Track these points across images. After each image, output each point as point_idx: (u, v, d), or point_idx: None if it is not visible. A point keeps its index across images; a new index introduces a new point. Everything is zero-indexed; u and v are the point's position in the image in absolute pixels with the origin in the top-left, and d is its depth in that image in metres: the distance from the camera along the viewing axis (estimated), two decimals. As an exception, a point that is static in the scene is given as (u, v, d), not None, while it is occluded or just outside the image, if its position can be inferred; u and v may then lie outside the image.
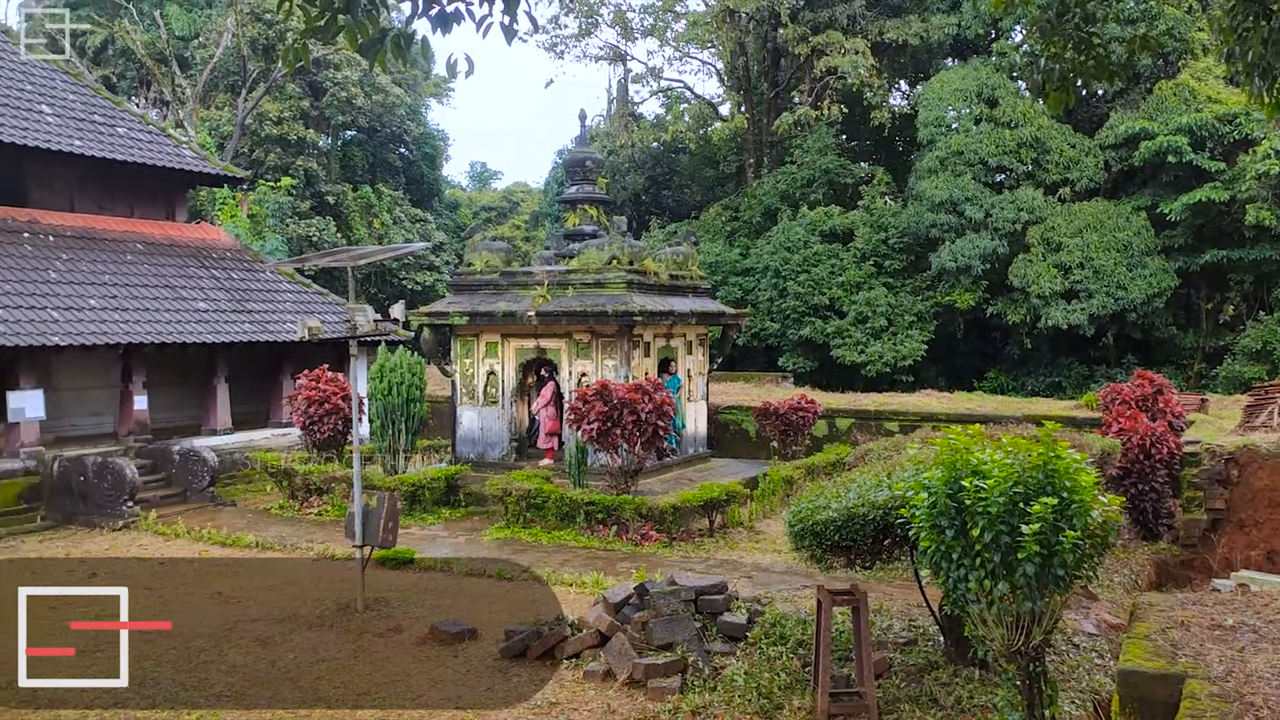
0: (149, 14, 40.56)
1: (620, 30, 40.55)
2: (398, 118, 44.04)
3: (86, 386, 20.42)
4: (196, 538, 15.73)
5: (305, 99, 40.45)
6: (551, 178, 48.27)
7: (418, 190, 47.40)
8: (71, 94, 21.83)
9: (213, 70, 39.29)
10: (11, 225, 19.37)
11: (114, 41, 40.42)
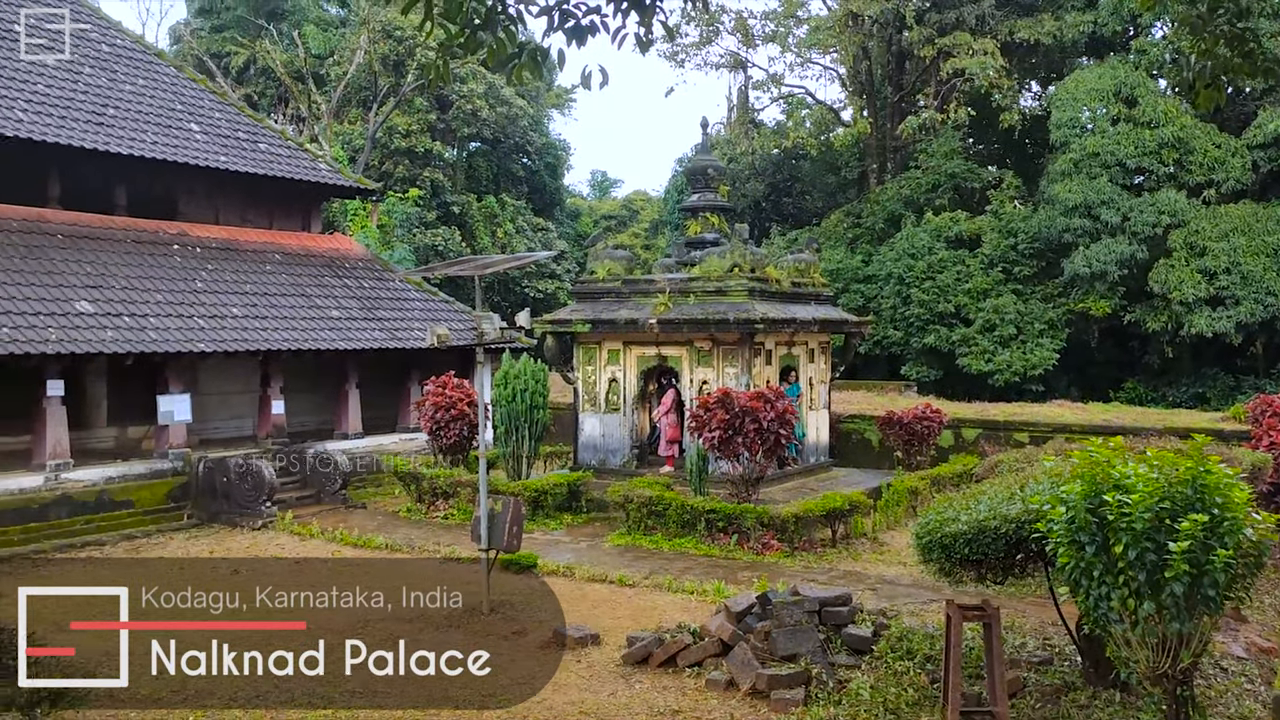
0: (288, 34, 42.30)
1: (741, 37, 40.44)
2: (521, 129, 44.84)
3: (228, 391, 21.37)
4: (330, 538, 16.27)
5: (433, 112, 41.55)
6: (671, 186, 48.42)
7: (539, 199, 48.17)
8: (217, 112, 22.90)
9: (346, 86, 40.71)
10: (163, 237, 20.41)
11: (255, 61, 42.27)
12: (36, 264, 17.51)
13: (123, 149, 19.60)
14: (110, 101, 20.59)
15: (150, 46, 24.64)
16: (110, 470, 17.56)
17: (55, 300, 16.98)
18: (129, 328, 17.49)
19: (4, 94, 18.60)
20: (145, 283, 18.84)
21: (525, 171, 47.66)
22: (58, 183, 19.32)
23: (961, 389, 30.90)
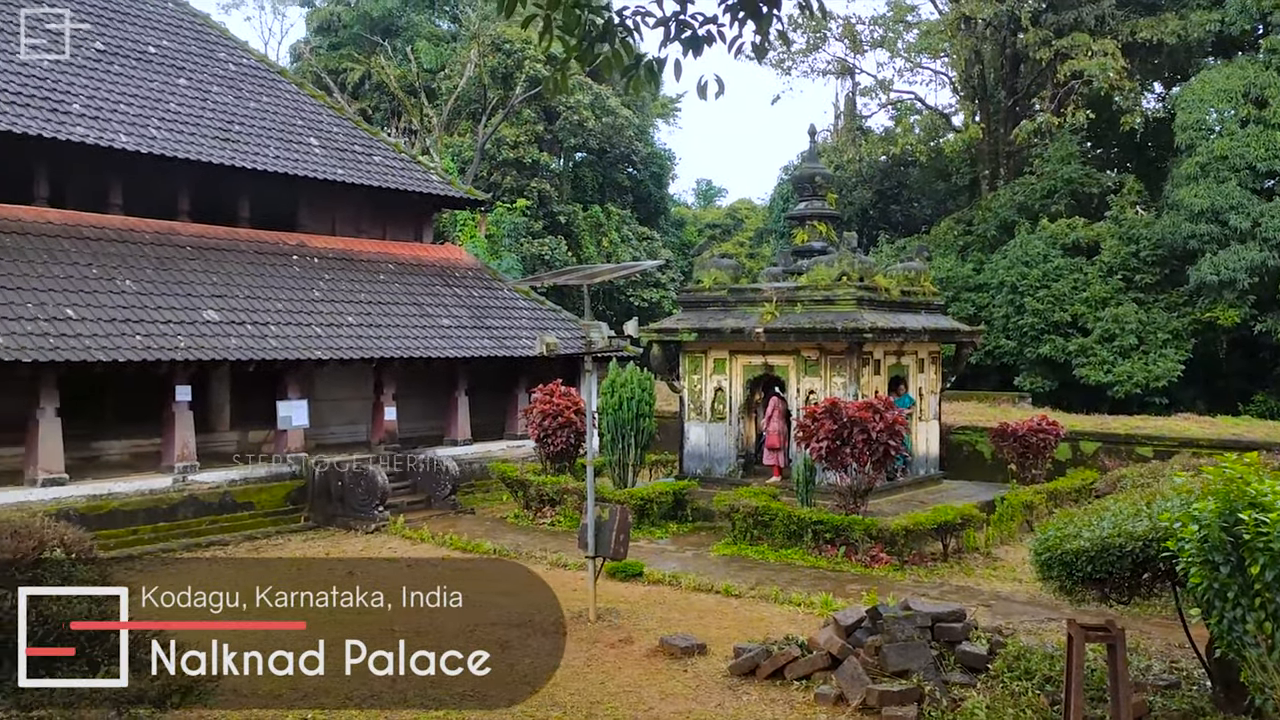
0: (401, 50, 43.43)
1: (849, 44, 40.00)
2: (626, 139, 45.14)
3: (343, 397, 21.99)
4: (440, 542, 16.58)
5: (540, 124, 42.13)
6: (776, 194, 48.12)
7: (644, 209, 48.40)
8: (335, 127, 23.64)
9: (456, 99, 41.59)
10: (283, 248, 21.13)
11: (370, 77, 43.49)
12: (168, 275, 18.30)
13: (247, 163, 20.37)
14: (236, 118, 21.43)
15: (273, 65, 25.57)
16: (232, 473, 18.22)
17: (184, 309, 17.71)
18: (251, 335, 18.15)
19: (139, 113, 19.52)
20: (266, 292, 19.52)
21: (630, 181, 47.95)
22: (187, 196, 20.16)
23: (1078, 401, 29.91)
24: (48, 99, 18.20)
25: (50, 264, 16.83)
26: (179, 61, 21.78)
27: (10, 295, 15.66)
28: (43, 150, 17.79)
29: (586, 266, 26.93)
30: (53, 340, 15.36)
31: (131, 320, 16.73)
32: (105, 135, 18.35)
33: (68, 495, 15.71)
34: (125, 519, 16.00)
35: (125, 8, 21.92)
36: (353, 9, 46.70)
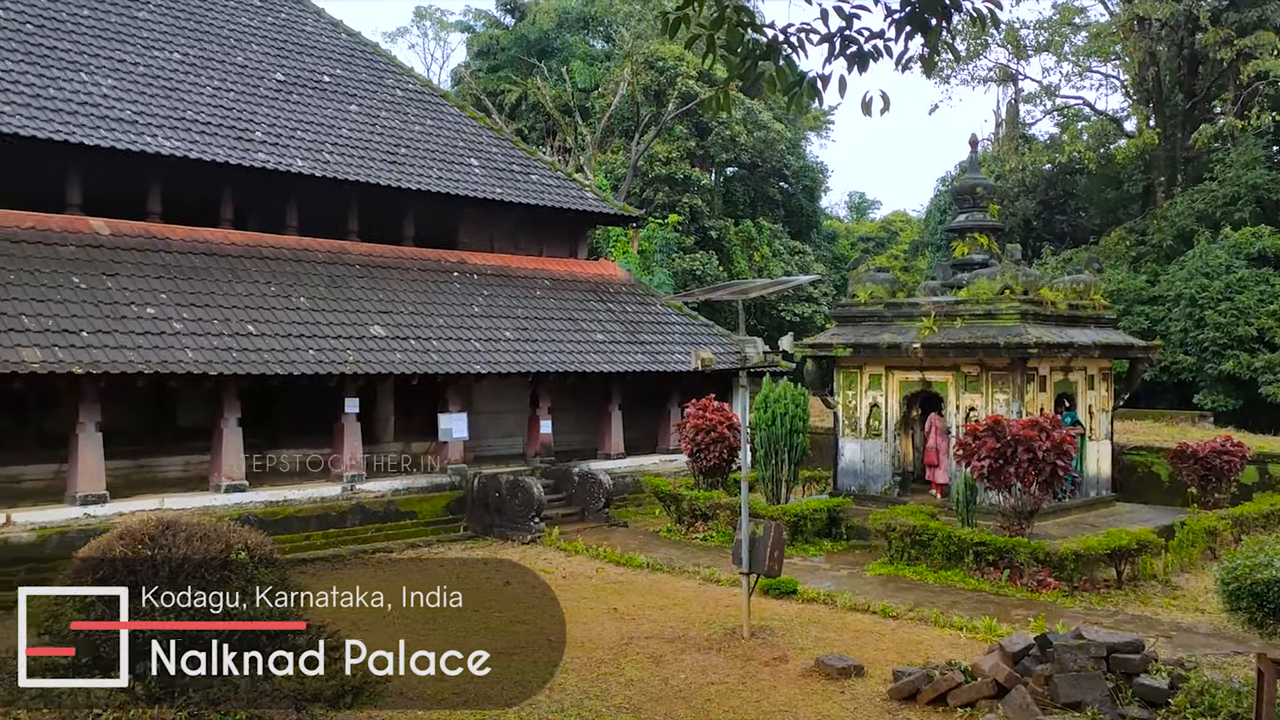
0: (556, 70, 44.42)
1: (1011, 49, 38.77)
2: (778, 153, 44.91)
3: (500, 410, 22.54)
4: (593, 555, 16.76)
5: (692, 139, 42.35)
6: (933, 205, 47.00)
7: (796, 222, 48.01)
8: (494, 147, 24.34)
9: (609, 117, 42.23)
10: (444, 265, 21.85)
11: (526, 98, 44.63)
12: (338, 292, 19.17)
13: (412, 184, 21.18)
14: (403, 141, 22.32)
15: (436, 89, 26.53)
16: (397, 483, 18.90)
17: (353, 325, 18.51)
18: (415, 350, 18.81)
19: (315, 139, 20.57)
20: (429, 308, 20.22)
21: (782, 195, 47.67)
22: (357, 217, 21.09)
23: (1265, 420, 28.03)
24: (234, 128, 19.37)
25: (234, 283, 17.86)
26: (351, 89, 22.85)
27: (199, 313, 16.70)
28: (228, 176, 18.93)
29: (739, 282, 26.85)
30: (235, 355, 16.29)
31: (305, 335, 17.58)
32: (284, 160, 19.39)
33: (248, 501, 16.60)
34: (299, 524, 16.80)
35: (303, 40, 23.15)
36: (511, 33, 48.09)
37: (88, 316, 15.33)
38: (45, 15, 18.80)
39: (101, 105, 17.76)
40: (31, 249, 16.08)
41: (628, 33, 43.77)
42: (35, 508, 15.00)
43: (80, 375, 14.54)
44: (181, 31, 20.85)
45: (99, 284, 16.10)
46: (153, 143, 17.68)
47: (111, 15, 19.91)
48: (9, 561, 13.86)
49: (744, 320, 13.10)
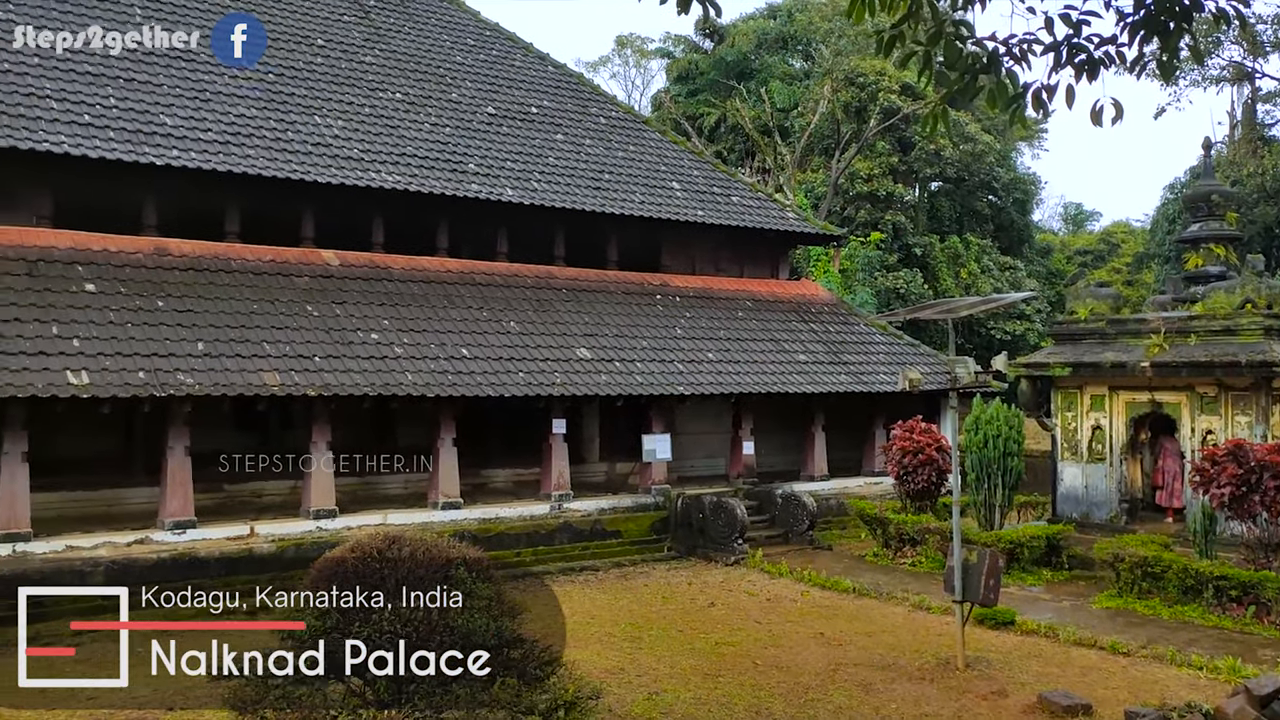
0: (755, 91, 44.51)
1: (1246, 46, 36.08)
2: (986, 165, 43.35)
3: (702, 431, 22.63)
4: (798, 578, 16.54)
5: (894, 155, 41.47)
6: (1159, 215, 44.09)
7: (1006, 237, 46.13)
8: (695, 170, 24.58)
9: (809, 136, 41.91)
10: (647, 288, 22.20)
11: (725, 119, 44.90)
12: (546, 315, 19.79)
13: (616, 209, 21.66)
14: (606, 168, 22.87)
15: (638, 115, 27.08)
16: (602, 502, 19.27)
17: (560, 348, 19.05)
18: (619, 372, 19.16)
19: (523, 168, 21.36)
20: (632, 330, 20.56)
21: (990, 209, 45.92)
22: (563, 242, 21.74)
23: None
24: (449, 161, 20.37)
25: (449, 308, 18.73)
26: (557, 119, 23.62)
27: (418, 337, 17.59)
28: (444, 206, 19.91)
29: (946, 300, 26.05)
30: (451, 377, 17.05)
31: (515, 358, 18.22)
32: (495, 190, 20.23)
33: (463, 518, 17.31)
34: (510, 541, 17.37)
35: (513, 74, 24.13)
36: (709, 56, 48.55)
37: (320, 342, 16.42)
38: (284, 65, 20.36)
39: (332, 145, 19.05)
40: (271, 280, 17.38)
41: (827, 50, 43.40)
42: (274, 521, 16.14)
43: (314, 397, 15.57)
44: (402, 73, 22.13)
45: (329, 312, 17.23)
46: (377, 178, 18.80)
47: (341, 62, 21.36)
48: (254, 570, 14.94)
49: (953, 339, 12.66)
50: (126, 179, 16.74)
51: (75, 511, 15.88)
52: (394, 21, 23.50)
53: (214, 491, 16.81)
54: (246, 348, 15.65)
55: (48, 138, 15.83)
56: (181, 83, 18.47)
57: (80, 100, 16.89)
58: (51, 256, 15.63)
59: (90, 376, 13.83)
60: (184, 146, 17.16)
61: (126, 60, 18.19)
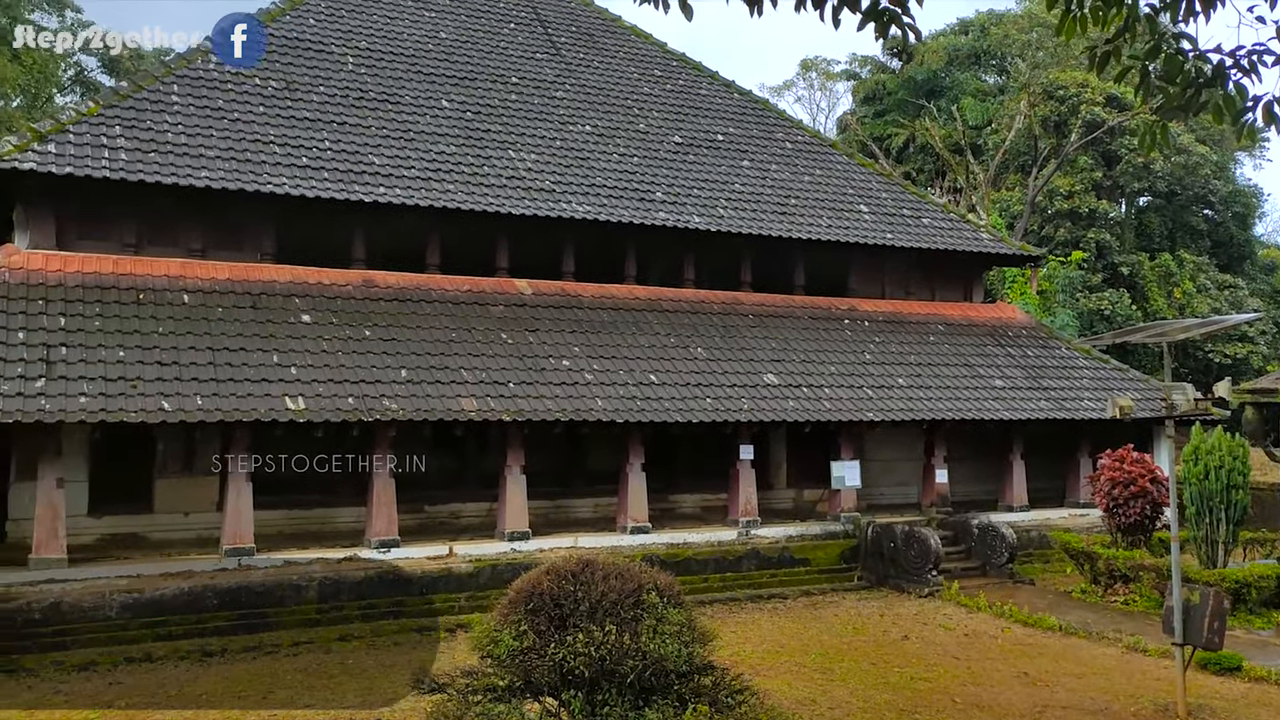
0: (945, 110, 43.40)
1: None
2: (1201, 178, 40.70)
3: (893, 458, 22.07)
4: (997, 613, 15.84)
5: (1098, 169, 39.52)
6: (1403, 226, 40.22)
7: (1224, 254, 43.12)
8: (883, 192, 24.12)
9: (1004, 153, 40.46)
10: (834, 313, 21.88)
11: (914, 139, 43.96)
12: (733, 341, 19.79)
13: (802, 234, 21.48)
14: (792, 193, 22.74)
15: (824, 139, 26.83)
16: (790, 529, 19.03)
17: (747, 374, 18.99)
18: (807, 398, 18.92)
19: (710, 195, 21.50)
20: (820, 355, 20.29)
21: (1207, 224, 43.05)
22: (749, 268, 21.72)
23: None
24: (637, 190, 20.73)
25: (637, 335, 19.00)
26: (743, 146, 23.68)
27: (607, 364, 17.92)
28: (631, 235, 20.26)
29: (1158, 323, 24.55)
30: (639, 403, 17.26)
31: (702, 384, 18.27)
32: (682, 218, 20.44)
33: (651, 542, 17.45)
34: (698, 567, 17.37)
35: (699, 103, 24.37)
36: (897, 76, 47.71)
37: (514, 369, 16.96)
38: (482, 103, 21.25)
39: (526, 178, 19.73)
40: (468, 309, 18.10)
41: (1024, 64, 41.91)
42: (471, 541, 16.71)
43: (509, 422, 16.08)
44: (592, 105, 22.72)
45: (523, 339, 17.77)
46: (567, 208, 19.33)
47: (534, 97, 22.12)
48: (452, 589, 15.53)
49: (1169, 364, 11.89)
50: (338, 216, 17.83)
51: (291, 529, 16.96)
52: (583, 56, 24.18)
53: (415, 512, 17.58)
54: (445, 374, 16.33)
55: (271, 180, 17.06)
56: (389, 124, 19.56)
57: (300, 144, 18.13)
58: (273, 290, 16.79)
59: (306, 402, 14.74)
60: (389, 184, 18.13)
61: (341, 105, 19.42)
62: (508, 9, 24.58)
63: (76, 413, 13.23)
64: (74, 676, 11.99)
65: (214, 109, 18.07)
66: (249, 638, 13.65)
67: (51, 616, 13.18)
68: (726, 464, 19.05)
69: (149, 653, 12.85)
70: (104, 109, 17.18)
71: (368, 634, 14.05)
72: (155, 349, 14.71)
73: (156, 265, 16.42)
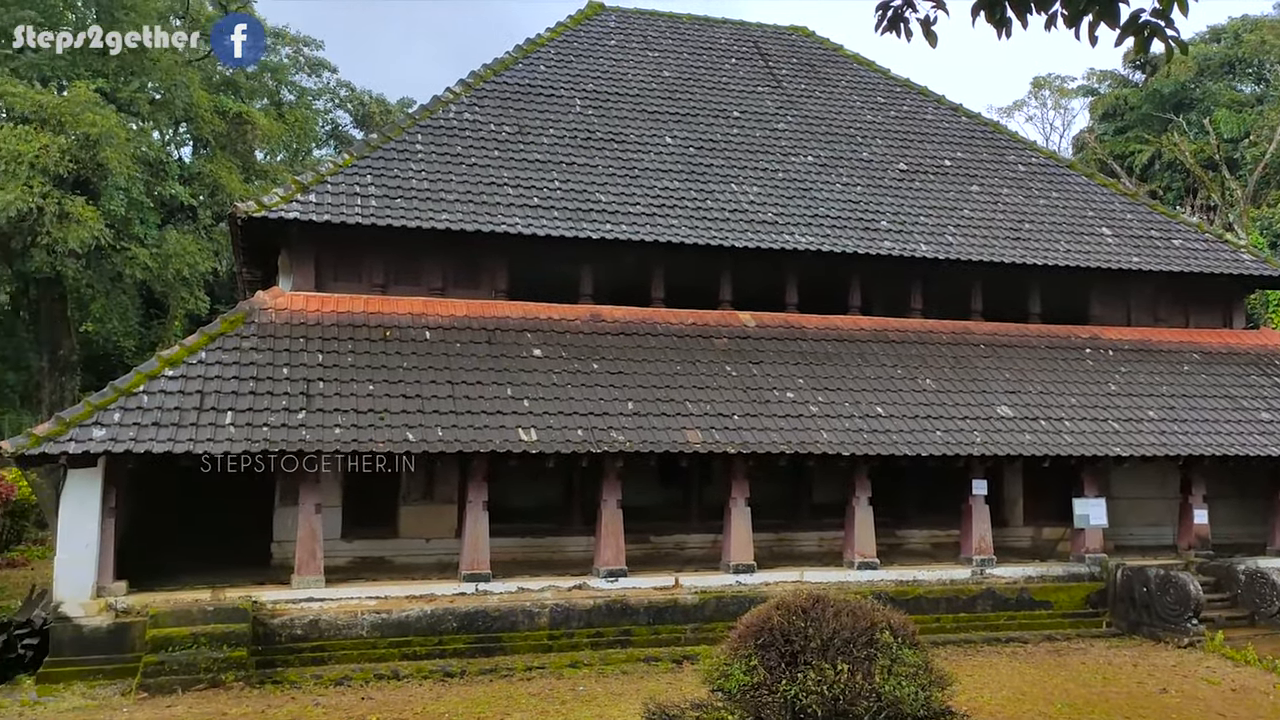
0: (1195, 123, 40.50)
1: None
2: None
3: (1142, 496, 20.62)
4: (1268, 667, 14.44)
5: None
6: None
7: None
8: (1128, 213, 22.69)
9: (1264, 167, 37.30)
10: (1074, 341, 20.71)
11: (1160, 156, 41.21)
12: (963, 372, 19.06)
13: (1037, 260, 20.49)
14: (1026, 217, 21.76)
15: (1060, 159, 25.55)
16: (1029, 569, 18.03)
17: (979, 405, 18.21)
18: (1045, 431, 17.94)
19: (937, 223, 20.89)
20: (1059, 386, 19.21)
21: None
22: (979, 296, 20.90)
23: None
24: (860, 219, 20.40)
25: (862, 366, 18.61)
26: (971, 170, 22.89)
27: (831, 396, 17.63)
28: (855, 265, 19.93)
29: None
30: (866, 436, 16.87)
31: (931, 416, 17.66)
32: (908, 247, 19.93)
33: (879, 579, 16.94)
34: (928, 606, 16.71)
35: (924, 128, 23.77)
36: (1140, 90, 44.98)
37: (738, 401, 16.96)
38: (704, 138, 21.55)
39: (748, 210, 19.80)
40: (692, 342, 18.28)
41: (1285, 69, 38.58)
42: (696, 573, 16.75)
43: (733, 455, 16.07)
44: (814, 136, 22.58)
45: (746, 371, 17.77)
46: (790, 240, 19.24)
47: (756, 130, 22.22)
48: (678, 620, 15.61)
49: None
50: (567, 253, 18.46)
51: (524, 556, 17.56)
52: (805, 87, 24.11)
53: (641, 543, 17.82)
54: (671, 406, 16.52)
55: (505, 220, 17.89)
56: (614, 162, 20.13)
57: (531, 185, 18.93)
58: (506, 326, 17.54)
59: (538, 433, 15.26)
60: (615, 220, 18.63)
61: (569, 146, 20.17)
62: (729, 45, 24.88)
63: (332, 443, 14.23)
64: (330, 690, 12.81)
65: (453, 155, 19.16)
66: (485, 660, 14.20)
67: (310, 633, 14.17)
68: (957, 499, 18.31)
69: (396, 670, 13.58)
70: (357, 160, 18.53)
71: (596, 662, 14.31)
72: (400, 383, 15.65)
73: (401, 304, 17.51)
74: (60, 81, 30.20)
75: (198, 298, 35.36)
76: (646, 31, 24.59)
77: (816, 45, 25.90)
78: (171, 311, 36.31)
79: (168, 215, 34.78)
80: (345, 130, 51.14)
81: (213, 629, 13.30)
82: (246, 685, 12.76)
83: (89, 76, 29.87)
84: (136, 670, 12.88)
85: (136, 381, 14.54)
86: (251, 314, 16.43)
